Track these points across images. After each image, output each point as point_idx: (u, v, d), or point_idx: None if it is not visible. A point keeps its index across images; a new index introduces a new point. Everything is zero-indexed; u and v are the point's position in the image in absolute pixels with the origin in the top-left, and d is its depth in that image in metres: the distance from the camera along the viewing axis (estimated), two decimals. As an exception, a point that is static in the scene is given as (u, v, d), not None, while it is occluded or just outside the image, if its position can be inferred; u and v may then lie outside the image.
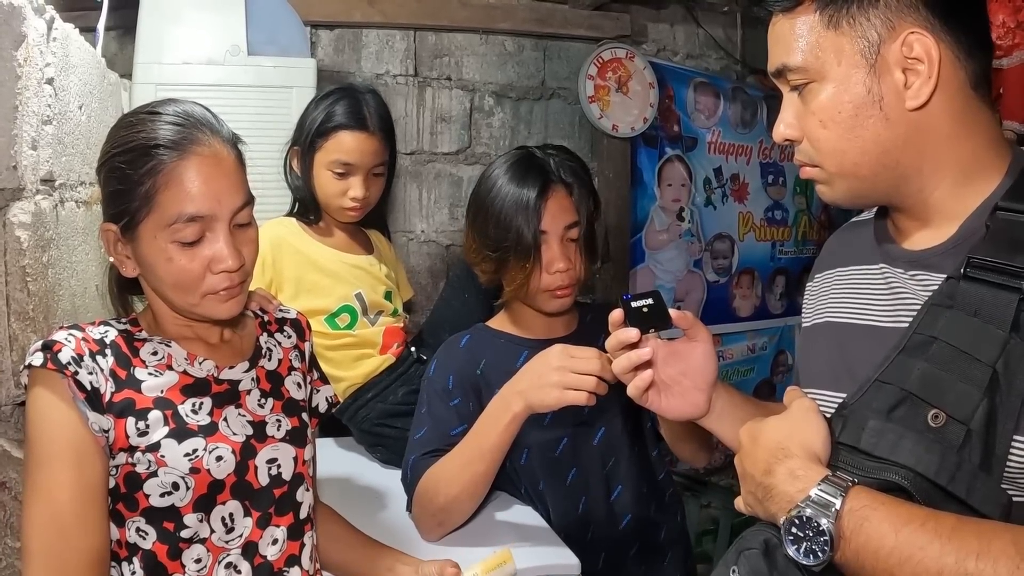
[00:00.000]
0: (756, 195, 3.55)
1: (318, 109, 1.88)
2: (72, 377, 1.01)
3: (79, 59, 1.49)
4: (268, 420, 1.15)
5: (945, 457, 0.79)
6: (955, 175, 0.93)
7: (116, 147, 1.07)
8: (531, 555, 1.39)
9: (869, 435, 0.84)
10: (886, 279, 0.99)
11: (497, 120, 3.02)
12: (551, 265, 1.51)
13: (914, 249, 0.97)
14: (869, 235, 1.08)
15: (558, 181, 1.54)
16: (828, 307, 1.09)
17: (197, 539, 1.06)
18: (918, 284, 0.94)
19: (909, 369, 0.85)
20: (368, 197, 1.89)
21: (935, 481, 0.79)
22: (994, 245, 0.85)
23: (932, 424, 0.81)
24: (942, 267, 0.91)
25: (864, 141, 0.92)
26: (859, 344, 0.99)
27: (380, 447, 1.87)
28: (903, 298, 0.95)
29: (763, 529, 0.87)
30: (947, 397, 0.81)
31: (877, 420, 0.84)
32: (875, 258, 1.03)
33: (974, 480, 0.78)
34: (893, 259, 1.00)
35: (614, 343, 1.15)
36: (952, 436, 0.80)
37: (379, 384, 1.88)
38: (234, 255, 1.07)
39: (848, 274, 1.08)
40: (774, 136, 1.01)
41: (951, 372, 0.82)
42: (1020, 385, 0.79)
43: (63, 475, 1.00)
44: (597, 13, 3.05)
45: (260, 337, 1.24)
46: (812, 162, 0.97)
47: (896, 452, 0.81)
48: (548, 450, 1.56)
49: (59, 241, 1.36)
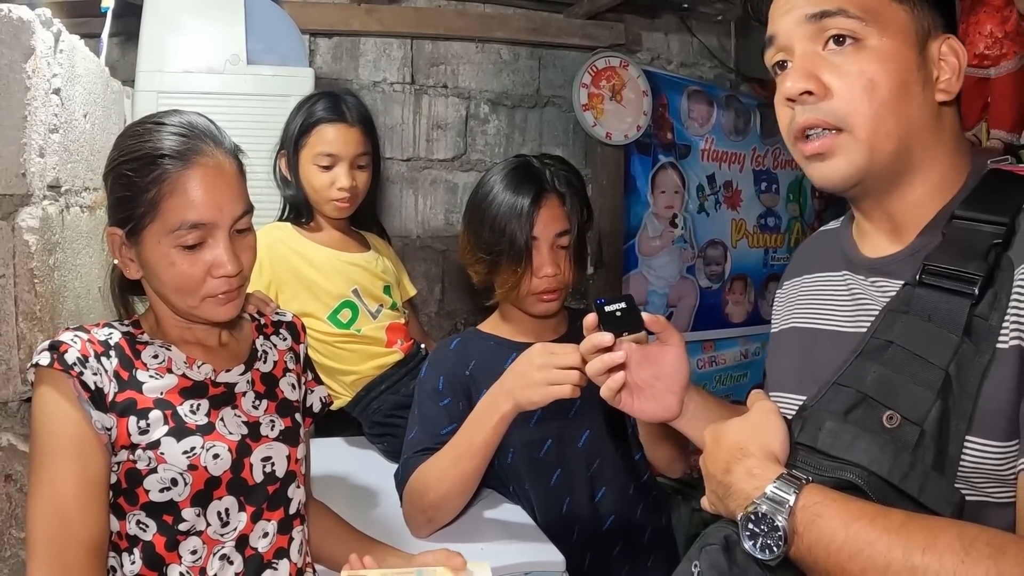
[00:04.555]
0: (749, 202, 3.60)
1: (300, 112, 1.96)
2: (77, 377, 1.06)
3: (84, 69, 1.54)
4: (262, 420, 1.20)
5: (899, 457, 0.81)
6: (936, 178, 0.95)
7: (123, 155, 1.12)
8: (517, 551, 1.43)
9: (826, 435, 0.87)
10: (848, 285, 1.02)
11: (492, 127, 3.07)
12: (540, 269, 1.56)
13: (874, 256, 1.00)
14: (835, 242, 1.10)
15: (552, 190, 1.59)
16: (795, 313, 1.12)
17: (194, 532, 1.11)
18: (877, 290, 0.97)
19: (865, 372, 0.88)
20: (355, 187, 1.95)
21: (888, 480, 0.81)
22: (948, 252, 0.88)
23: (887, 425, 0.84)
24: (900, 274, 0.94)
25: (902, 116, 0.91)
26: (822, 348, 1.01)
27: (388, 436, 1.92)
28: (863, 304, 0.98)
29: (724, 526, 0.90)
30: (901, 399, 0.84)
31: (834, 421, 0.87)
32: (839, 265, 1.06)
33: (926, 479, 0.81)
34: (855, 266, 1.02)
35: (588, 346, 1.18)
36: (906, 437, 0.82)
37: (391, 377, 1.95)
38: (233, 261, 1.12)
39: (814, 281, 1.11)
40: (787, 89, 0.94)
41: (905, 375, 0.84)
42: (972, 387, 0.82)
43: (66, 469, 1.05)
44: (592, 22, 3.10)
45: (256, 340, 1.29)
46: (837, 123, 0.92)
47: (851, 451, 0.84)
48: (533, 451, 1.60)
49: (64, 245, 1.41)
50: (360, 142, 1.95)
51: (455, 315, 3.05)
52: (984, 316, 0.83)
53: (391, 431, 1.90)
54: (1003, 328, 0.82)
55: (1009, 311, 0.83)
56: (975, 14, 2.49)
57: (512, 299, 1.62)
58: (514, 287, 1.58)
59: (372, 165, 2.01)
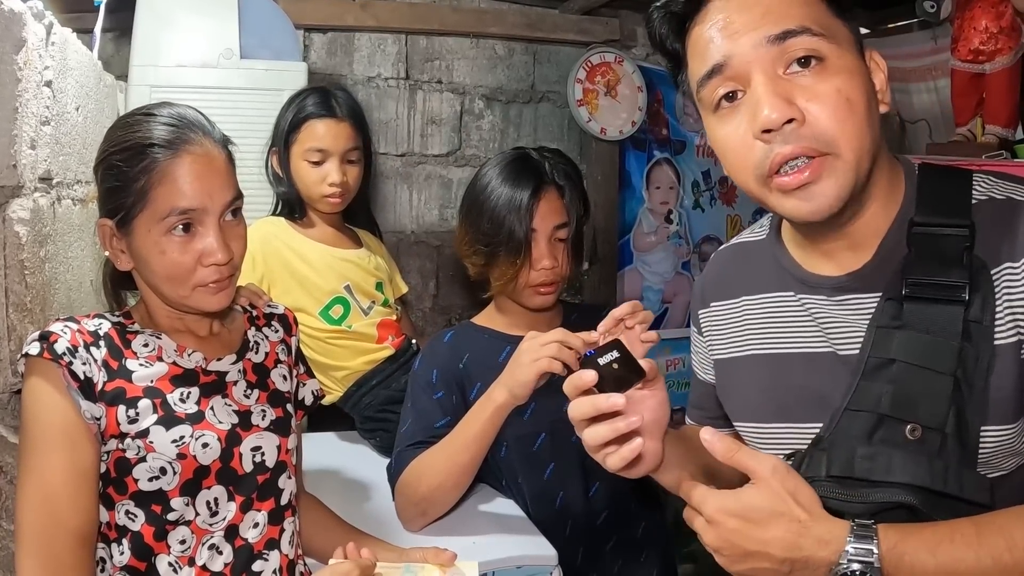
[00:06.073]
0: (744, 198, 3.56)
1: (290, 108, 1.96)
2: (67, 367, 1.06)
3: (76, 62, 1.54)
4: (253, 410, 1.20)
5: (933, 464, 0.85)
6: (885, 186, 0.95)
7: (113, 146, 1.12)
8: (509, 545, 1.43)
9: (861, 462, 0.88)
10: (805, 307, 1.01)
11: (487, 123, 3.07)
12: (538, 262, 1.56)
13: (835, 275, 0.97)
14: (769, 261, 1.06)
15: (551, 183, 1.59)
16: (749, 339, 1.08)
17: (183, 521, 1.11)
18: (847, 310, 0.96)
19: (877, 392, 0.89)
20: (346, 182, 1.94)
21: (932, 488, 0.84)
22: (924, 263, 0.89)
23: (911, 438, 0.86)
24: (871, 287, 0.94)
25: (874, 131, 0.89)
26: (797, 373, 1.00)
27: (380, 431, 1.92)
28: (830, 324, 0.97)
29: None
30: (919, 411, 0.87)
31: (864, 447, 0.88)
32: (786, 286, 1.03)
33: (960, 477, 0.85)
34: (811, 287, 1.00)
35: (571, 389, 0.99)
36: (931, 444, 0.86)
37: (383, 372, 1.95)
38: (223, 249, 1.12)
39: (760, 303, 1.06)
40: (771, 118, 0.85)
41: (917, 388, 0.87)
42: (980, 385, 0.86)
43: (56, 459, 1.05)
44: (586, 18, 3.10)
45: (248, 331, 1.29)
46: (824, 148, 0.86)
47: (891, 472, 0.86)
48: (526, 445, 1.60)
49: (56, 237, 1.41)
50: (350, 137, 1.95)
51: (450, 310, 3.05)
52: (977, 319, 0.86)
53: (383, 426, 1.90)
54: (997, 325, 0.86)
55: (1003, 310, 0.86)
56: (970, 9, 2.49)
57: (509, 292, 1.62)
58: (511, 279, 1.58)
59: (363, 160, 2.01)
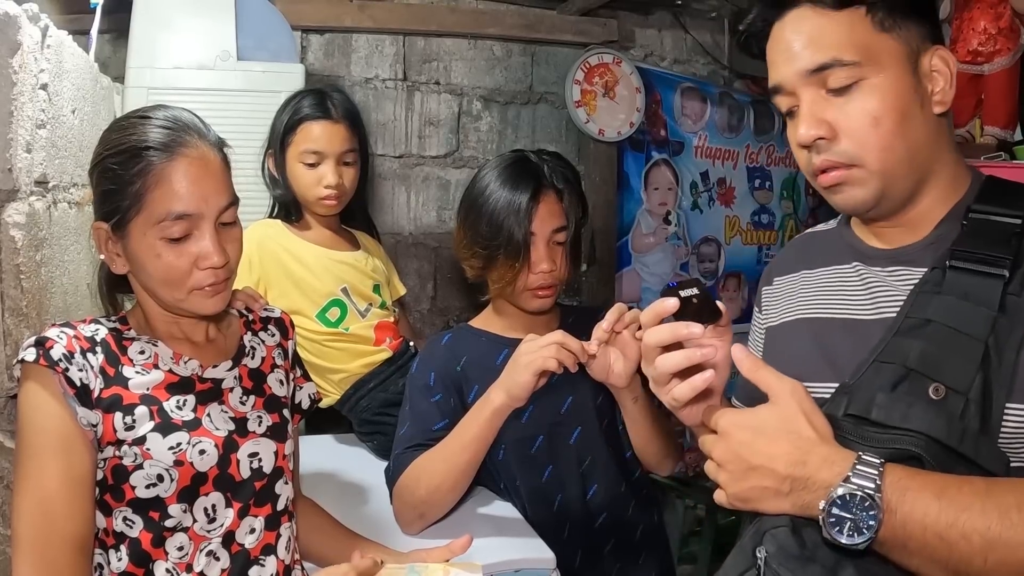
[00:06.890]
0: (743, 199, 3.60)
1: (286, 110, 1.95)
2: (63, 373, 1.05)
3: (72, 65, 1.53)
4: (250, 416, 1.20)
5: (952, 422, 0.85)
6: (945, 182, 1.02)
7: (108, 149, 1.12)
8: (507, 548, 1.43)
9: (880, 406, 0.88)
10: (861, 276, 1.06)
11: (485, 124, 3.06)
12: (537, 265, 1.56)
13: (891, 247, 1.05)
14: (837, 240, 1.14)
15: (550, 186, 1.59)
16: (800, 305, 1.13)
17: (180, 528, 1.10)
18: (897, 279, 1.01)
19: (907, 348, 0.91)
20: (342, 184, 1.94)
21: (947, 443, 0.84)
22: (973, 240, 0.94)
23: (933, 397, 0.87)
24: (921, 261, 0.99)
25: (908, 140, 0.98)
26: (838, 337, 1.04)
27: (378, 434, 1.91)
28: (879, 292, 1.02)
29: (775, 519, 0.88)
30: (945, 371, 0.88)
31: (884, 393, 0.89)
32: (847, 258, 1.10)
33: (979, 442, 0.85)
34: (868, 258, 1.07)
35: (651, 316, 1.01)
36: (952, 406, 0.86)
37: (380, 375, 1.94)
38: (219, 252, 1.11)
39: (818, 275, 1.13)
40: (800, 137, 1.00)
41: (948, 349, 0.88)
42: (1010, 358, 0.87)
43: (52, 465, 1.04)
44: (585, 19, 3.10)
45: (244, 336, 1.29)
46: (851, 161, 0.98)
47: (908, 419, 0.86)
48: (524, 447, 1.60)
49: (52, 241, 1.40)
50: (346, 138, 1.94)
51: (448, 312, 3.05)
52: (1016, 293, 0.89)
53: (380, 429, 1.89)
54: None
55: None
56: (969, 10, 2.49)
57: (507, 294, 1.62)
58: (510, 282, 1.58)
59: (360, 162, 2.00)
